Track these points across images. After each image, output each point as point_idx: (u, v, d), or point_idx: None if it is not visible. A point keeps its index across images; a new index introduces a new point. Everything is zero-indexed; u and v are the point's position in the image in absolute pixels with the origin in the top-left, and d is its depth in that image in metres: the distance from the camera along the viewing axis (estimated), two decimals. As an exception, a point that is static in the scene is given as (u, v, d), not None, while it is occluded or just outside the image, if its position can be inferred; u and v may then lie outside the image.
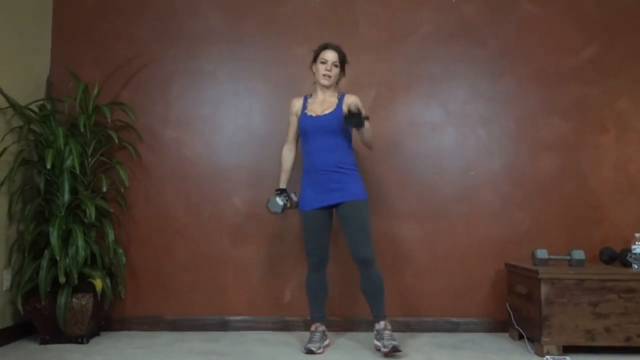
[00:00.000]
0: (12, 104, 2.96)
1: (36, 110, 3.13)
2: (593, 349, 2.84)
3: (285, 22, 3.45)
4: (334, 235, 2.96)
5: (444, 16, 3.46)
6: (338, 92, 2.91)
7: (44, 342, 2.93)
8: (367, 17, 3.45)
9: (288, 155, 2.97)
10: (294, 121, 2.92)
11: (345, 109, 2.72)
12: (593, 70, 3.44)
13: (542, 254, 2.97)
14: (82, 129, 3.05)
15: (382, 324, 2.76)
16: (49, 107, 3.18)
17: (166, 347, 2.89)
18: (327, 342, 2.87)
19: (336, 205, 2.79)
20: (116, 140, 3.14)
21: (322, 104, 2.85)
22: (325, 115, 2.80)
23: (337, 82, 2.91)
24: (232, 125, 3.41)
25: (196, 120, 3.40)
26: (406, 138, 3.40)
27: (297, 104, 2.91)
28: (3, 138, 2.94)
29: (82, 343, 2.94)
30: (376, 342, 2.74)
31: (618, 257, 3.12)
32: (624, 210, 3.37)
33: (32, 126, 3.07)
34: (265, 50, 3.44)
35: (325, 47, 2.85)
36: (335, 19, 3.43)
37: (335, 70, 2.84)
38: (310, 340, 2.80)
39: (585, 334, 2.76)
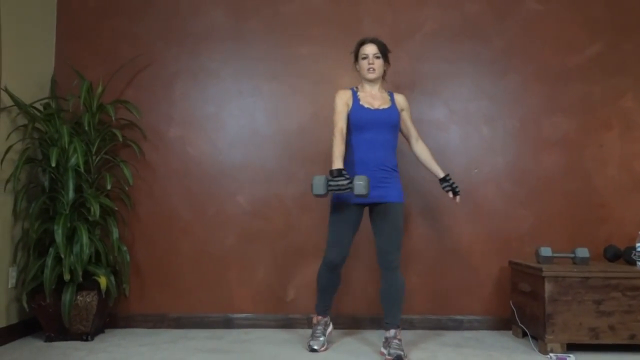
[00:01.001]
0: (17, 103, 2.97)
1: (41, 108, 3.14)
2: (597, 346, 2.84)
3: (289, 20, 3.45)
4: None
5: (448, 15, 3.46)
6: (385, 89, 2.87)
7: (49, 339, 2.94)
8: (371, 16, 3.45)
9: (343, 134, 2.68)
10: (345, 111, 2.72)
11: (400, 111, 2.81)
12: (598, 68, 3.43)
13: (546, 251, 2.98)
14: (86, 127, 3.05)
15: (392, 332, 2.70)
16: (53, 105, 3.19)
17: (170, 344, 2.90)
18: (330, 329, 2.90)
19: (374, 204, 2.72)
20: (120, 139, 3.15)
21: (375, 98, 2.77)
22: (384, 109, 2.74)
23: (384, 75, 2.84)
24: (236, 124, 3.42)
25: (200, 119, 3.41)
26: (410, 136, 3.40)
27: (347, 94, 2.77)
28: (8, 136, 2.95)
29: (86, 340, 2.95)
30: (382, 349, 2.70)
31: (622, 255, 3.12)
32: (628, 208, 3.36)
33: (37, 124, 3.09)
34: (269, 49, 3.44)
35: (362, 42, 2.78)
36: (339, 17, 3.43)
37: (379, 62, 2.75)
38: (312, 337, 2.81)
39: (589, 331, 2.76)
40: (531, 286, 2.93)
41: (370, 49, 2.75)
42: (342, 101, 2.74)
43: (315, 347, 2.74)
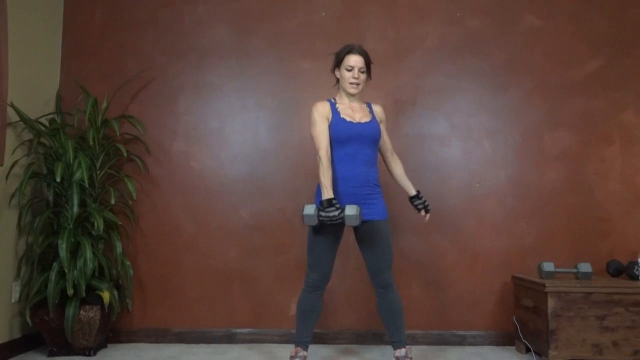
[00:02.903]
0: (23, 118, 3.00)
1: (46, 123, 3.17)
2: (601, 362, 2.83)
3: (292, 36, 3.49)
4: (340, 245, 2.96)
5: (449, 30, 3.49)
6: (363, 100, 2.75)
7: (51, 354, 2.94)
8: (372, 31, 3.48)
9: (329, 159, 2.55)
10: (326, 125, 2.59)
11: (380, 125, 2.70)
12: (598, 83, 3.45)
13: (548, 266, 2.98)
14: (91, 143, 3.08)
15: (402, 351, 2.60)
16: (58, 120, 3.22)
17: None
18: None
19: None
20: (125, 154, 3.18)
21: (355, 110, 2.66)
22: (366, 123, 2.62)
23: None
24: (240, 138, 3.44)
25: (204, 134, 3.44)
26: (412, 151, 3.42)
27: (326, 107, 2.63)
28: (14, 151, 2.98)
29: (89, 355, 2.96)
30: None
31: (625, 270, 3.11)
32: (631, 223, 3.36)
33: (42, 139, 3.12)
34: (272, 64, 3.47)
35: (349, 51, 2.62)
36: (341, 33, 3.46)
37: (363, 77, 2.64)
38: None
39: (592, 347, 2.75)
40: (534, 301, 2.92)
41: (356, 62, 2.60)
42: (322, 115, 2.60)
43: None
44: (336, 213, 2.40)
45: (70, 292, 2.85)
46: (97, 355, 2.98)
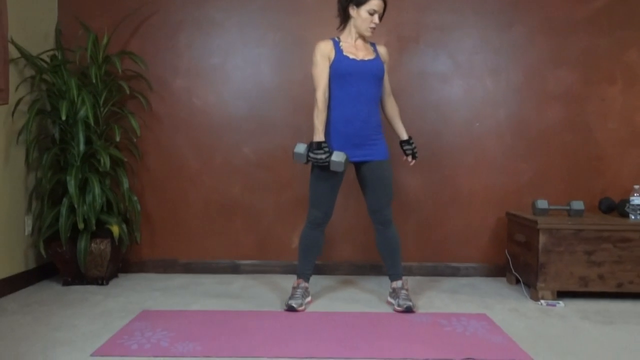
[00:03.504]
0: (24, 55, 2.99)
1: (47, 60, 3.16)
2: (585, 294, 3.00)
3: (294, -32, 3.39)
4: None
5: (455, -37, 3.39)
6: (367, 40, 2.72)
7: (66, 283, 3.11)
8: (376, -36, 3.37)
9: (326, 102, 2.61)
10: (327, 65, 2.60)
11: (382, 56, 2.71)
12: (605, 19, 3.40)
13: (542, 204, 3.07)
14: (93, 80, 3.08)
15: (399, 283, 2.76)
16: (59, 57, 3.20)
17: (182, 289, 3.07)
18: (309, 299, 2.77)
19: (361, 163, 2.68)
20: (127, 91, 3.19)
21: (359, 49, 2.65)
22: (369, 60, 2.62)
23: None
24: (241, 75, 3.44)
25: (206, 70, 3.43)
26: (414, 88, 3.42)
27: (328, 46, 2.62)
28: (17, 88, 2.99)
29: (102, 284, 3.12)
30: (390, 299, 2.78)
31: (616, 208, 3.22)
32: (626, 162, 3.43)
33: (44, 76, 3.12)
34: (273, -2, 3.41)
35: None
36: (344, -35, 3.36)
37: (378, 21, 2.63)
38: (291, 297, 2.70)
39: (579, 280, 2.90)
40: (526, 237, 3.05)
41: (380, 7, 2.59)
42: (324, 55, 2.61)
43: (294, 305, 2.64)
44: (323, 156, 2.51)
45: (81, 226, 2.97)
46: (110, 285, 3.15)
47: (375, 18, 2.60)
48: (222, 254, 3.47)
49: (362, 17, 2.60)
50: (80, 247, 3.00)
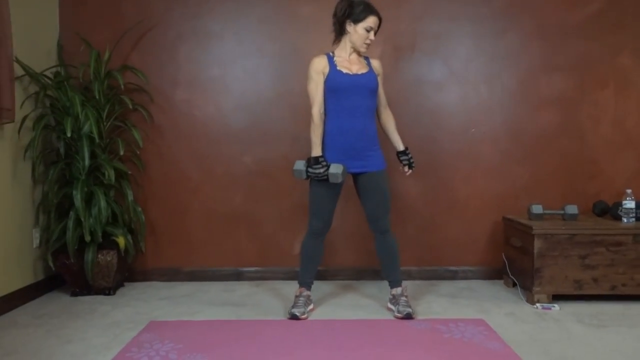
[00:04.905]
0: (28, 72, 3.06)
1: (51, 76, 3.23)
2: (580, 297, 3.08)
3: (290, -20, 3.45)
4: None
5: (449, -28, 3.45)
6: (360, 54, 2.79)
7: (74, 294, 3.19)
8: (371, -26, 3.43)
9: (322, 117, 2.70)
10: (321, 80, 2.68)
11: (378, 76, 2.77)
12: (597, 25, 3.46)
13: (537, 209, 3.15)
14: (97, 96, 3.15)
15: (398, 290, 2.84)
16: (62, 73, 3.27)
17: (187, 298, 3.15)
18: (311, 306, 2.84)
19: (358, 174, 2.76)
20: (130, 105, 3.26)
21: (352, 63, 2.72)
22: (363, 74, 2.69)
23: None
24: (240, 86, 3.50)
25: (205, 82, 3.49)
26: (410, 96, 3.49)
27: (322, 61, 2.69)
28: (22, 105, 3.06)
29: (109, 295, 3.20)
30: (390, 305, 2.85)
31: (609, 211, 3.29)
32: (619, 165, 3.50)
33: (48, 92, 3.18)
34: (271, 9, 3.46)
35: (371, 11, 2.66)
36: (340, -24, 3.41)
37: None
38: (294, 305, 2.77)
39: (573, 283, 2.98)
40: (522, 242, 3.12)
41: (376, 24, 2.67)
42: (318, 71, 2.68)
43: (297, 314, 2.70)
44: (321, 170, 2.62)
45: (87, 238, 3.05)
46: (117, 295, 3.23)
47: (371, 35, 2.68)
48: (225, 262, 3.55)
49: (358, 33, 2.68)
50: (88, 259, 3.08)
